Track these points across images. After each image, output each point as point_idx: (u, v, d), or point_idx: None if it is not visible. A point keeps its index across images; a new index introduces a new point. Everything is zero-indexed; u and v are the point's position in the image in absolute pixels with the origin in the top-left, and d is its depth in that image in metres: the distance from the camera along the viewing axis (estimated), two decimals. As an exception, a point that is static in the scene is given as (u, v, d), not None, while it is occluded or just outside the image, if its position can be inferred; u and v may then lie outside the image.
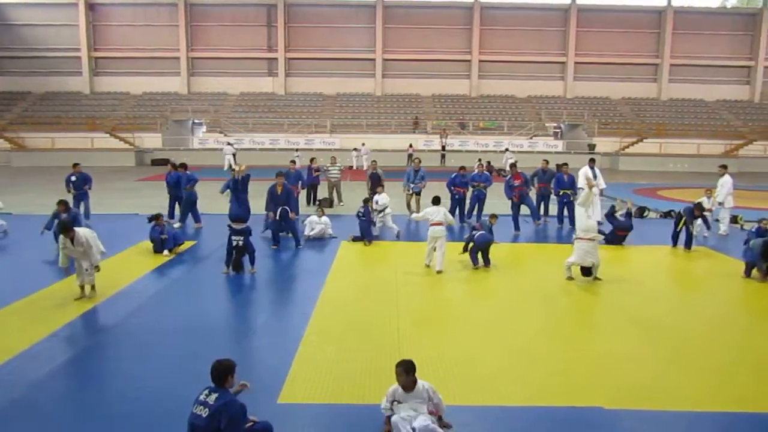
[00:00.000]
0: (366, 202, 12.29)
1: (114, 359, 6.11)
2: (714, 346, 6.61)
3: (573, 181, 13.86)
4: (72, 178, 13.73)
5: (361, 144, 33.05)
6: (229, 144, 32.10)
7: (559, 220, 14.22)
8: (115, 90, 43.12)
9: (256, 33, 43.64)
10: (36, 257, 10.22)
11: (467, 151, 35.86)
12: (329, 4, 43.61)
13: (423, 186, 14.93)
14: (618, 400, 5.18)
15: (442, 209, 9.79)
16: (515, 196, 13.70)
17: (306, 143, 36.49)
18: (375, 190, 13.62)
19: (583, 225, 9.10)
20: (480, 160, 21.60)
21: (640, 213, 15.52)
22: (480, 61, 44.18)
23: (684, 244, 11.66)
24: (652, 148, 37.52)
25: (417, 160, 16.07)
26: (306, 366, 5.81)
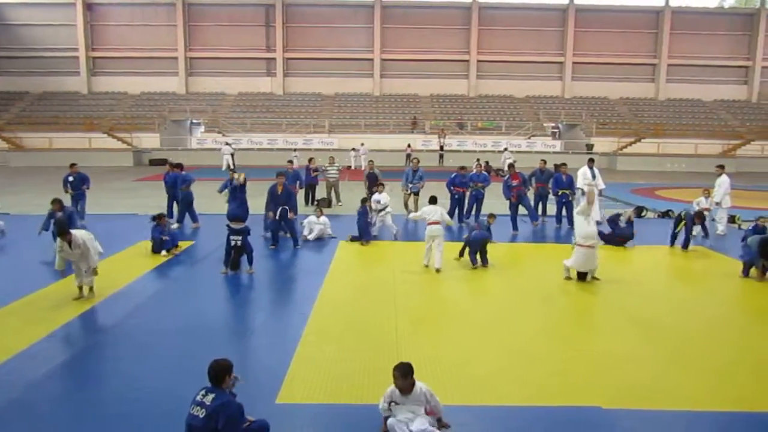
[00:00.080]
0: (364, 201, 12.28)
1: (112, 359, 6.08)
2: (713, 346, 6.62)
3: (571, 181, 13.86)
4: (69, 178, 13.70)
5: (360, 144, 33.06)
6: (228, 144, 32.07)
7: (557, 220, 14.24)
8: (113, 90, 43.08)
9: (254, 33, 43.63)
10: (34, 257, 10.19)
11: (465, 151, 35.88)
12: (327, 4, 43.60)
13: (421, 186, 14.93)
14: (617, 399, 5.18)
15: (439, 209, 9.79)
16: (513, 196, 13.71)
17: (304, 143, 36.48)
18: (372, 189, 13.60)
19: (583, 232, 8.99)
20: (478, 160, 21.60)
21: (638, 213, 15.50)
22: (478, 61, 44.24)
23: (681, 244, 11.68)
24: (650, 148, 37.61)
25: (415, 160, 16.07)
26: (304, 366, 5.80)
